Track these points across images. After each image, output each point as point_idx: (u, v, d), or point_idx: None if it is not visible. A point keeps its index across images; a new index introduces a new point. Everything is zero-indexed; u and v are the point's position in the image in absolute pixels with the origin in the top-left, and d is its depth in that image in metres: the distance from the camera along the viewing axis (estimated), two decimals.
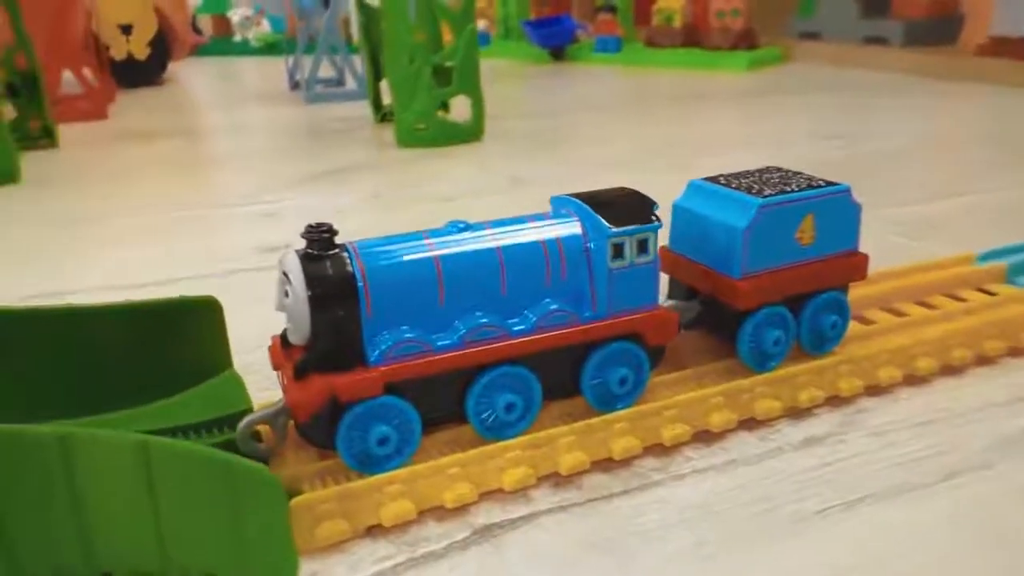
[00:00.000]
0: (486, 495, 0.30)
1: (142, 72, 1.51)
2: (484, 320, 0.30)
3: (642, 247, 0.31)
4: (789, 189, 0.34)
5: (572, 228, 0.31)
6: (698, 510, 0.30)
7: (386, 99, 1.03)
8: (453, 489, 0.29)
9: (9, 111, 0.96)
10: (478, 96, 0.92)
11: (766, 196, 0.34)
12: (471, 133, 0.93)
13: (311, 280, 0.28)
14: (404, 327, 0.29)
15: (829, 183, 0.35)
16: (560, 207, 0.33)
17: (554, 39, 1.73)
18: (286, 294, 0.28)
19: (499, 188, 0.74)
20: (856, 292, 0.43)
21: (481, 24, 1.96)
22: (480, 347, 0.30)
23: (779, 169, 0.38)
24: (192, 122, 1.22)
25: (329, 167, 0.85)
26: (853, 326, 0.40)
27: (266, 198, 0.74)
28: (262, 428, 0.30)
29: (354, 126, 1.08)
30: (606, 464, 0.32)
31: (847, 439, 0.34)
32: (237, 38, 2.33)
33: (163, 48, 1.53)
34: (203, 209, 0.72)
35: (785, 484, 0.31)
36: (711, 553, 0.28)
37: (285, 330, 0.29)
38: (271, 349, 0.31)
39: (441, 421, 0.31)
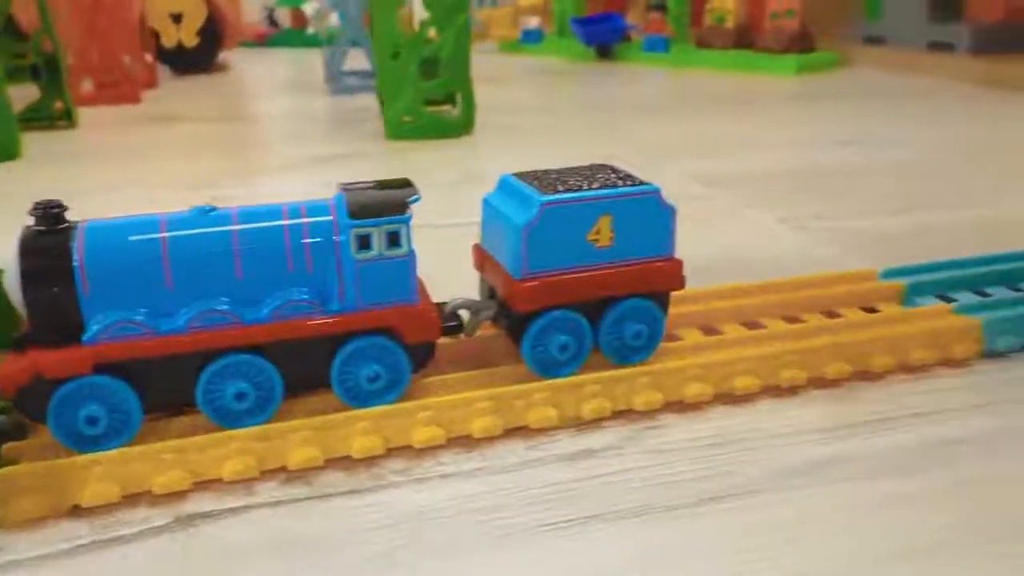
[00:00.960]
0: (209, 484, 0.30)
1: (192, 60, 1.57)
2: (213, 306, 0.29)
3: (393, 240, 0.30)
4: (586, 187, 0.32)
5: (323, 218, 0.30)
6: (418, 515, 0.28)
7: None
8: (165, 475, 0.29)
9: (34, 92, 1.02)
10: (467, 90, 0.92)
11: (553, 193, 0.32)
12: (460, 127, 0.93)
13: (24, 256, 0.28)
14: (128, 308, 0.29)
15: (640, 183, 0.33)
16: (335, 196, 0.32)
17: (601, 37, 1.70)
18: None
19: (457, 183, 0.74)
20: (729, 303, 0.40)
21: (534, 21, 1.95)
22: (208, 333, 0.29)
23: (605, 167, 0.35)
24: (218, 109, 1.25)
25: (313, 156, 0.86)
26: (694, 337, 0.38)
27: (229, 183, 0.76)
28: None
29: (362, 117, 1.09)
30: (348, 463, 0.31)
31: (624, 454, 0.32)
32: (310, 30, 2.39)
33: (214, 37, 1.59)
34: (174, 191, 0.74)
35: (526, 496, 0.29)
36: (408, 560, 0.26)
37: None
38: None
39: (181, 406, 0.31)
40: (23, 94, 1.01)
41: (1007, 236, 0.54)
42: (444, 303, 0.34)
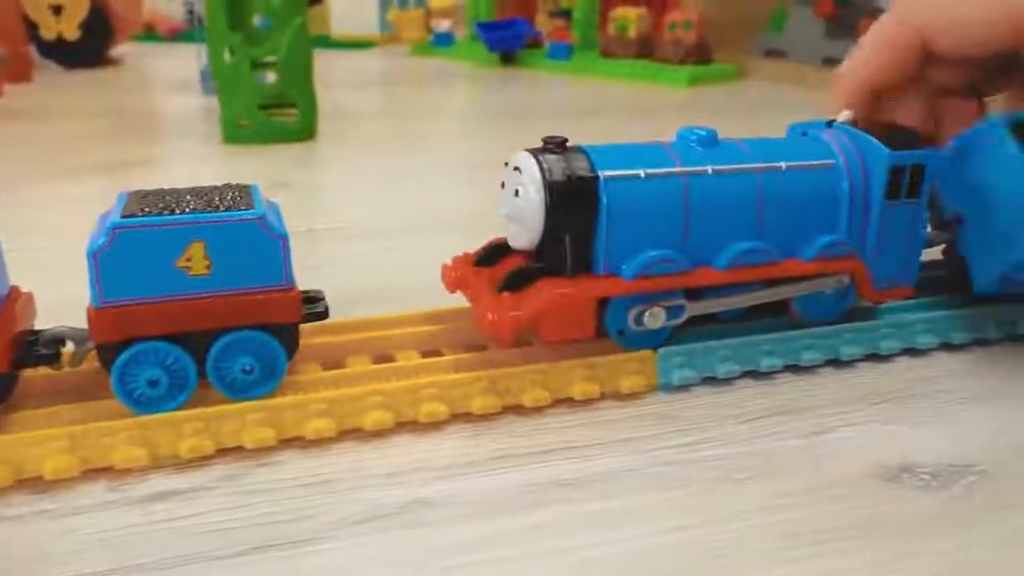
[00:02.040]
0: None
1: (75, 54, 1.52)
2: None
3: None
4: (177, 211, 0.30)
5: None
6: None
7: None
8: None
9: None
10: (307, 95, 0.89)
11: (131, 216, 0.30)
12: (300, 133, 0.90)
13: None
14: None
15: (246, 208, 0.31)
16: None
17: (505, 43, 1.69)
18: None
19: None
20: (405, 331, 0.39)
21: (445, 24, 1.93)
22: None
23: (236, 188, 0.33)
24: (77, 106, 1.21)
25: (129, 159, 0.83)
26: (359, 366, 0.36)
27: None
28: None
29: (215, 119, 1.06)
30: None
31: (210, 496, 0.30)
32: None
33: (100, 30, 1.54)
34: None
35: (66, 544, 0.27)
36: None
37: None
38: None
39: None
40: None
41: None
42: (42, 331, 0.32)
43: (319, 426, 0.32)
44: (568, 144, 0.35)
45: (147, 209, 0.30)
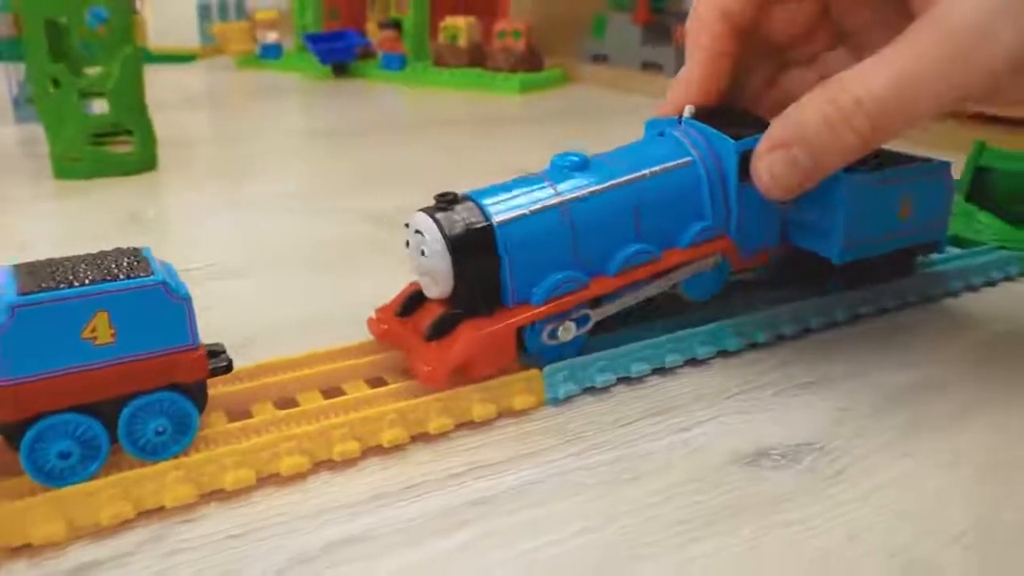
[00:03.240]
0: None
1: None
2: None
3: None
4: (76, 283, 0.30)
5: None
6: None
7: None
8: None
9: None
10: (142, 125, 0.86)
11: (31, 293, 0.30)
12: (139, 164, 0.87)
13: None
14: None
15: (146, 275, 0.32)
16: None
17: (336, 55, 1.68)
18: None
19: (100, 231, 0.69)
20: (312, 371, 0.40)
21: (272, 35, 1.89)
22: None
23: (127, 253, 0.34)
24: None
25: None
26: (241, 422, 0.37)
27: None
28: None
29: (40, 152, 1.00)
30: None
31: (133, 561, 0.30)
32: None
33: None
34: None
35: None
36: None
37: None
38: None
39: None
40: None
41: None
42: None
43: (239, 476, 0.33)
44: (457, 196, 0.39)
45: (44, 284, 0.30)
